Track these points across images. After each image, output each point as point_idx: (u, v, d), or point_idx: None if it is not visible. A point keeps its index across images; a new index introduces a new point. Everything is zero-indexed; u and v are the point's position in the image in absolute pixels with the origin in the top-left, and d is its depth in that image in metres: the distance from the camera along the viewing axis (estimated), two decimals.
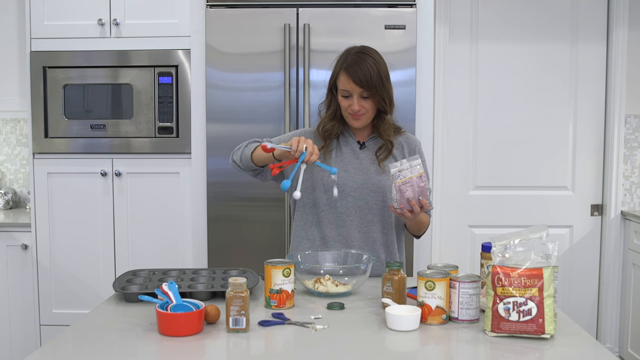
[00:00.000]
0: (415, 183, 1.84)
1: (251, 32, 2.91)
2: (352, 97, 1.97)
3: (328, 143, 2.06)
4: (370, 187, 2.04)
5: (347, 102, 1.99)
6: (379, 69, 1.96)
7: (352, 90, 1.96)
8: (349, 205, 2.04)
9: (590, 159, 3.54)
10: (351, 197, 2.04)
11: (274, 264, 1.70)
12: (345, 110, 2.02)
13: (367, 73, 1.94)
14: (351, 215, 2.04)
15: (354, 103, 1.97)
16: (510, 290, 1.46)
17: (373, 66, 1.96)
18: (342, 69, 1.98)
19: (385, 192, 2.04)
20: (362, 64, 1.95)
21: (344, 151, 2.07)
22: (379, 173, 2.05)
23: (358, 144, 2.09)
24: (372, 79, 1.94)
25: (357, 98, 1.97)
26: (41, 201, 3.16)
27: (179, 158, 3.12)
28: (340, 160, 2.05)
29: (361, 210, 2.05)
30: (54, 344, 1.44)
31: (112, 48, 3.11)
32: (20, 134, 3.78)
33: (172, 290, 1.55)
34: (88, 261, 3.18)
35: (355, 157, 2.07)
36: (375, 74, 1.95)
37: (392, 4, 2.90)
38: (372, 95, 1.97)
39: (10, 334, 3.24)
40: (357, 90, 1.96)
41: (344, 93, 1.99)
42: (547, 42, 3.48)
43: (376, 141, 2.10)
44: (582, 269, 3.58)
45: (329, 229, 2.05)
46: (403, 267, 1.93)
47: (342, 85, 1.99)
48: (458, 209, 3.56)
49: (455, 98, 3.52)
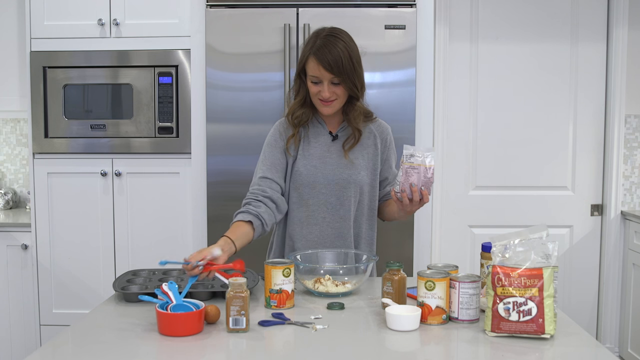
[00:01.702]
0: (422, 172, 1.79)
1: (251, 32, 2.91)
2: (322, 84, 1.89)
3: (298, 131, 1.99)
4: (341, 182, 1.98)
5: (317, 89, 1.90)
6: (350, 53, 1.87)
7: (322, 76, 1.87)
8: (320, 202, 1.99)
9: (590, 159, 3.54)
10: (322, 194, 1.99)
11: (274, 264, 1.69)
12: (314, 96, 1.93)
13: (338, 58, 1.84)
14: (322, 212, 2.00)
15: (324, 90, 1.88)
16: (510, 290, 1.46)
17: (344, 50, 1.86)
18: (311, 54, 1.88)
19: (357, 187, 1.99)
20: (332, 48, 1.85)
21: (314, 144, 2.00)
22: (349, 167, 1.98)
23: (330, 135, 2.01)
24: (343, 64, 1.85)
25: (327, 84, 1.88)
26: (41, 201, 3.16)
27: (179, 158, 3.12)
28: (309, 155, 1.99)
29: (332, 206, 2.00)
30: (54, 344, 1.44)
31: (112, 48, 3.11)
32: (20, 134, 3.78)
33: (172, 290, 1.55)
34: (88, 261, 3.18)
35: (326, 151, 2.00)
36: (347, 59, 1.86)
37: (392, 4, 2.90)
38: (344, 81, 1.88)
39: (10, 334, 3.24)
40: (328, 76, 1.87)
41: (314, 79, 1.90)
42: (547, 42, 3.48)
43: (348, 130, 2.02)
44: (582, 269, 3.58)
45: (299, 227, 2.01)
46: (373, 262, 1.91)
47: (311, 71, 1.89)
48: (458, 209, 3.56)
49: (455, 98, 3.52)
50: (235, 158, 2.93)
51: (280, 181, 1.98)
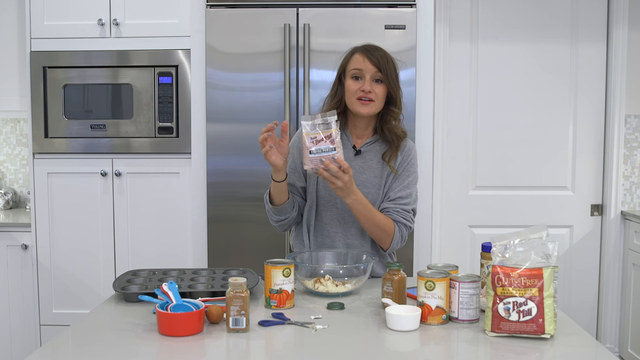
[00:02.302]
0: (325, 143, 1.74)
1: (251, 32, 2.91)
2: (363, 80, 1.91)
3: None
4: None
5: (358, 85, 1.91)
6: (392, 59, 1.94)
7: (366, 69, 1.90)
8: (333, 217, 2.00)
9: (590, 159, 3.54)
10: (336, 209, 1.99)
11: (274, 264, 1.69)
12: (353, 95, 1.92)
13: (383, 56, 1.91)
14: (335, 227, 2.00)
15: (366, 84, 1.90)
16: (510, 290, 1.46)
17: (388, 55, 1.94)
18: (357, 51, 1.94)
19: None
20: (377, 48, 1.94)
21: None
22: (365, 186, 1.96)
23: (353, 149, 2.00)
24: (388, 63, 1.91)
25: (369, 79, 1.91)
26: (41, 201, 3.16)
27: (179, 158, 3.12)
28: None
29: (345, 222, 2.00)
30: (54, 344, 1.44)
31: (112, 48, 3.11)
32: (20, 134, 3.78)
33: (172, 290, 1.55)
34: (88, 261, 3.18)
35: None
36: (390, 61, 1.93)
37: (392, 4, 2.90)
38: (387, 79, 1.91)
39: (10, 334, 3.24)
40: (371, 69, 1.90)
41: (356, 73, 1.92)
42: (547, 42, 3.48)
43: (374, 147, 2.00)
44: (582, 269, 3.58)
45: (313, 237, 2.03)
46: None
47: (354, 64, 1.93)
48: (458, 209, 3.56)
49: (455, 98, 3.52)
50: (235, 158, 2.93)
51: (300, 183, 2.02)
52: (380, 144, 2.01)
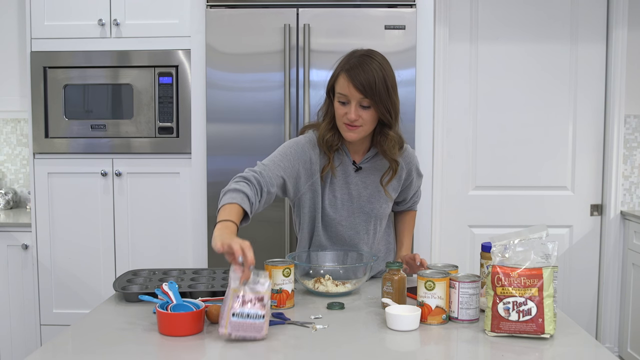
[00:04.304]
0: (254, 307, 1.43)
1: (251, 32, 2.91)
2: (349, 104, 1.76)
3: (333, 157, 1.87)
4: (361, 216, 1.95)
5: (344, 110, 1.78)
6: (385, 75, 1.74)
7: (351, 95, 1.75)
8: (338, 234, 1.97)
9: (590, 159, 3.54)
10: (341, 227, 1.96)
11: (274, 264, 1.70)
12: (340, 118, 1.80)
13: (371, 78, 1.72)
14: (339, 244, 1.99)
15: (351, 111, 1.75)
16: (510, 290, 1.46)
17: (378, 72, 1.73)
18: (343, 70, 1.76)
19: (377, 219, 1.97)
20: (366, 68, 1.73)
21: (337, 173, 1.90)
22: (370, 201, 1.93)
23: (353, 166, 1.91)
24: (376, 86, 1.72)
25: (355, 105, 1.75)
26: (41, 201, 3.17)
27: (179, 158, 3.12)
28: (330, 184, 1.91)
29: (351, 239, 1.98)
30: (54, 344, 1.44)
31: (113, 48, 3.11)
32: (20, 134, 3.78)
33: (172, 290, 1.55)
34: (88, 261, 3.19)
35: (344, 183, 1.91)
36: (381, 81, 1.73)
37: (392, 4, 2.90)
38: (375, 105, 1.75)
39: (10, 333, 3.24)
40: (357, 96, 1.74)
41: (342, 98, 1.77)
42: (546, 42, 3.48)
43: (374, 162, 1.92)
44: (582, 269, 3.58)
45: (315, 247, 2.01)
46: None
47: (340, 89, 1.77)
48: (458, 209, 3.56)
49: (455, 98, 3.52)
50: (236, 158, 2.93)
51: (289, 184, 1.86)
52: (380, 157, 1.93)
